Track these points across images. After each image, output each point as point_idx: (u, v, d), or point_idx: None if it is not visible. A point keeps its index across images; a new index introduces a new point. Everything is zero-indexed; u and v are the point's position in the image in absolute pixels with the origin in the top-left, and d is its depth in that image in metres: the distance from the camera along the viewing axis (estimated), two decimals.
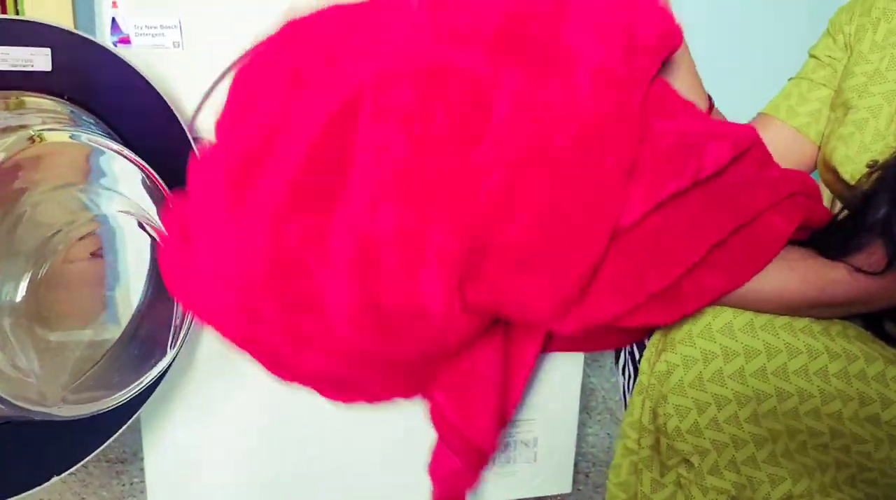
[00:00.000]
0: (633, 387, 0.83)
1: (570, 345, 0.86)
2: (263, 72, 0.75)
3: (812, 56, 0.91)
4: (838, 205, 0.84)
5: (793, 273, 0.69)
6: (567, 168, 0.67)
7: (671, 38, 0.77)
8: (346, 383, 0.80)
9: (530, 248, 0.66)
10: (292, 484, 1.08)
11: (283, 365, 0.75)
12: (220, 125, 0.76)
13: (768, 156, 0.79)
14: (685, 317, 0.71)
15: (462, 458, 0.79)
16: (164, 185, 0.81)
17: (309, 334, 0.70)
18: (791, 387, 0.69)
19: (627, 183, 0.67)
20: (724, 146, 0.72)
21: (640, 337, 0.82)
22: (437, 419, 0.81)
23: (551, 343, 0.85)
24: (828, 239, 0.72)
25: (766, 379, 0.69)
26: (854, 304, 0.71)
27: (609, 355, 1.79)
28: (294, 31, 0.75)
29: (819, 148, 0.87)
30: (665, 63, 0.78)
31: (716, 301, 0.71)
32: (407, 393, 0.83)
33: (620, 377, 0.93)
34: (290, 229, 0.67)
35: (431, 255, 0.65)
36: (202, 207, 0.73)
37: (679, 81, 0.81)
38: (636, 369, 0.83)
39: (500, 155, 0.67)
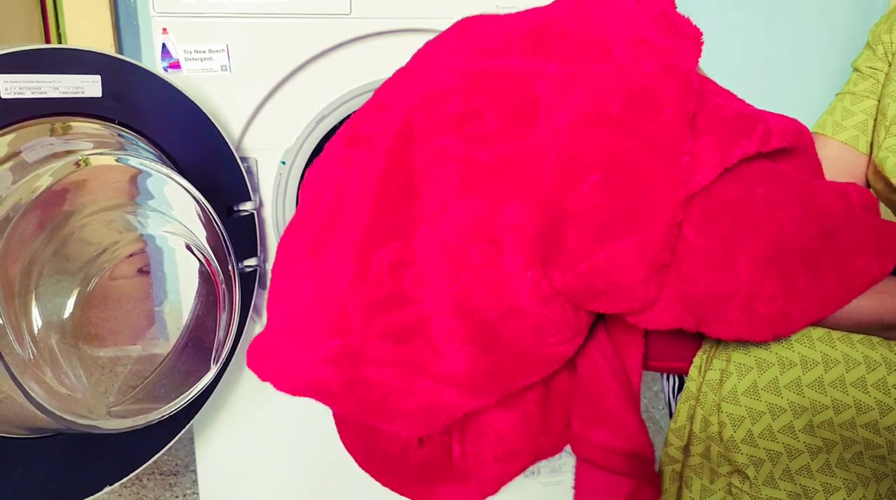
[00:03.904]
0: (678, 393, 0.82)
1: (657, 358, 0.81)
2: (329, 146, 0.77)
3: (855, 69, 0.90)
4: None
5: (870, 297, 0.67)
6: (624, 124, 0.65)
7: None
8: (466, 425, 0.77)
9: (605, 209, 0.64)
10: (346, 495, 1.09)
11: (391, 405, 0.71)
12: (301, 197, 0.79)
13: (821, 166, 0.78)
14: (766, 341, 0.69)
15: (636, 476, 0.73)
16: (209, 206, 0.83)
17: (421, 360, 0.68)
18: (848, 398, 0.67)
19: (692, 135, 0.65)
20: (788, 122, 0.71)
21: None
22: (591, 451, 0.74)
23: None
24: None
25: (823, 390, 0.68)
26: None
27: None
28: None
29: (870, 158, 0.86)
30: None
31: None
32: (540, 434, 0.77)
33: (665, 383, 0.92)
34: (378, 259, 0.67)
35: (509, 237, 0.65)
36: (288, 271, 0.74)
37: None
38: (681, 376, 0.82)
39: (555, 127, 0.66)
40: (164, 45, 0.92)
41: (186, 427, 0.96)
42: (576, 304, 0.68)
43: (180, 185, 0.80)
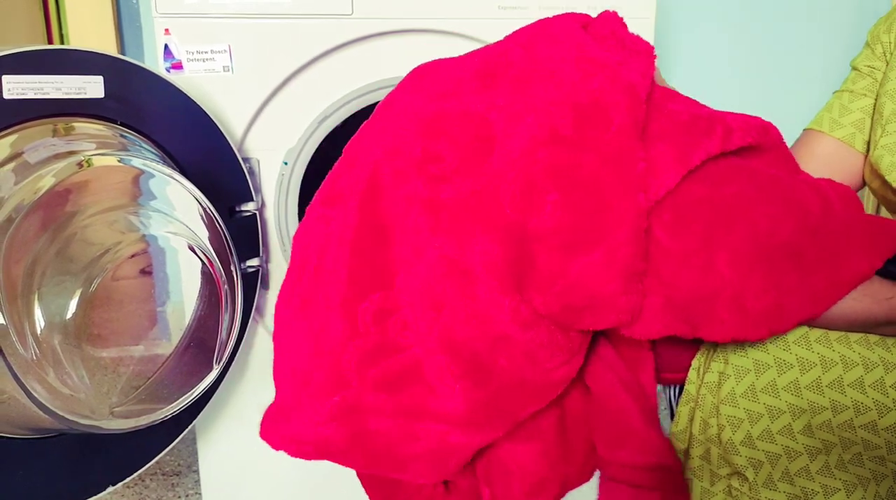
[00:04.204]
0: (678, 396, 0.82)
1: (668, 369, 0.80)
2: (309, 208, 0.79)
3: (853, 68, 0.90)
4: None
5: (863, 294, 0.67)
6: (575, 139, 0.66)
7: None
8: (491, 465, 0.76)
9: (568, 226, 0.65)
10: (348, 496, 1.09)
11: (397, 453, 0.71)
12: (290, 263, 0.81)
13: (795, 162, 0.78)
14: (763, 339, 0.69)
15: (665, 488, 0.72)
16: (211, 207, 0.83)
17: (420, 404, 0.69)
18: (846, 400, 0.67)
19: (645, 142, 0.66)
20: (750, 119, 0.71)
21: None
22: (619, 471, 0.73)
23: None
24: None
25: (820, 392, 0.68)
26: None
27: None
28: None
29: (866, 157, 0.86)
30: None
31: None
32: (563, 462, 0.76)
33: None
34: (363, 311, 0.69)
35: (479, 268, 0.65)
36: (286, 335, 0.75)
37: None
38: None
39: (510, 154, 0.67)
40: (166, 46, 0.92)
41: (189, 428, 0.97)
42: (563, 325, 0.68)
43: (182, 185, 0.81)
